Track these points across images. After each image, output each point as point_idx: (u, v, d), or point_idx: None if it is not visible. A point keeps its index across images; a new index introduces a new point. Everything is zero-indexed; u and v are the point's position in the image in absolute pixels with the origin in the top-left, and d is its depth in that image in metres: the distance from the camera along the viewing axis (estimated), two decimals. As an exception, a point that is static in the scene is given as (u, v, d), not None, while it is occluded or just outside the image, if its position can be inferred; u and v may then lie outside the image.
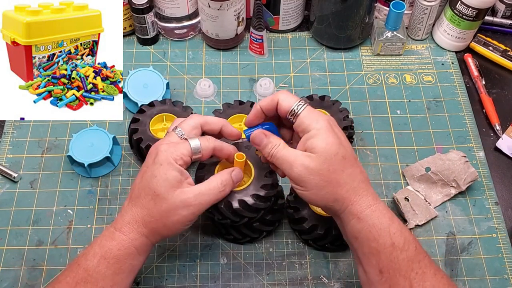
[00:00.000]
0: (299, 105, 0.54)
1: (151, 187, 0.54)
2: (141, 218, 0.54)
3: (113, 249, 0.53)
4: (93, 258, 0.53)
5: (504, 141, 0.77)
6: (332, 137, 0.52)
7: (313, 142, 0.52)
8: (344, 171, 0.52)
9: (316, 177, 0.52)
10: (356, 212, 0.53)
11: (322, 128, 0.52)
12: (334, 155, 0.52)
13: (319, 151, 0.52)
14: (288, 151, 0.54)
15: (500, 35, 0.91)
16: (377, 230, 0.52)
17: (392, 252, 0.51)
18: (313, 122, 0.53)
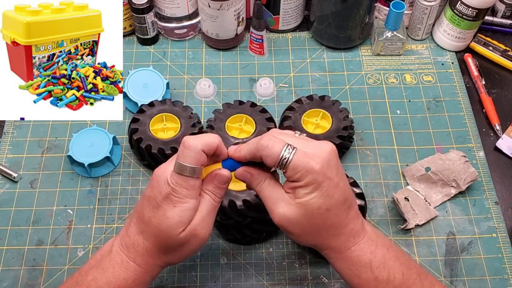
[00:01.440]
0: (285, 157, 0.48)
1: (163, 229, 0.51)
2: (155, 253, 0.52)
3: (128, 280, 0.52)
4: (107, 287, 0.51)
5: (504, 141, 0.77)
6: (319, 191, 0.48)
7: (299, 192, 0.49)
8: (325, 223, 0.50)
9: (295, 226, 0.51)
10: (335, 253, 0.52)
11: (310, 182, 0.48)
12: (317, 209, 0.49)
13: (302, 203, 0.49)
14: (272, 191, 0.51)
15: (500, 35, 0.91)
16: (357, 268, 0.51)
17: (377, 285, 0.51)
18: (303, 175, 0.48)
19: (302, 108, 0.75)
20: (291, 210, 0.50)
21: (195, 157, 0.50)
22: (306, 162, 0.48)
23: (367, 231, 0.53)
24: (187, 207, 0.50)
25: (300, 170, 0.48)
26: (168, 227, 0.50)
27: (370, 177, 0.74)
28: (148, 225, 0.51)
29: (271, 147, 0.49)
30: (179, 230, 0.50)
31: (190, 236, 0.51)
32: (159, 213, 0.50)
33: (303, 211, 0.49)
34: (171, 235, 0.51)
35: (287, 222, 0.51)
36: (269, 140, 0.49)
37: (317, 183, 0.48)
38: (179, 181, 0.50)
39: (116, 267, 0.52)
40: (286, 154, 0.48)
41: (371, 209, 0.71)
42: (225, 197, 0.61)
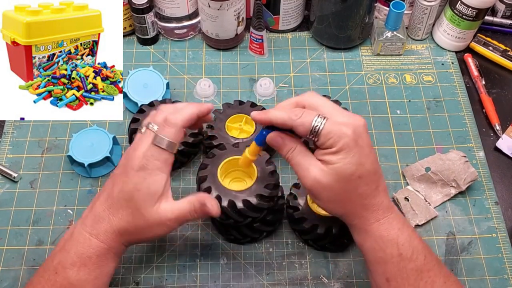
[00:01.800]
0: (316, 126, 0.50)
1: (132, 200, 0.53)
2: (118, 229, 0.54)
3: (92, 256, 0.53)
4: (72, 266, 0.52)
5: (504, 141, 0.77)
6: (351, 157, 0.50)
7: (331, 158, 0.50)
8: (356, 190, 0.51)
9: (327, 192, 0.52)
10: (363, 225, 0.53)
11: (343, 147, 0.50)
12: (350, 175, 0.50)
13: (335, 169, 0.50)
14: (303, 158, 0.52)
15: (500, 35, 0.91)
16: (384, 242, 0.52)
17: (399, 262, 0.51)
18: (335, 140, 0.50)
19: (302, 108, 0.74)
20: (324, 175, 0.51)
21: (175, 133, 0.53)
22: (338, 128, 0.50)
23: (395, 209, 0.54)
24: (157, 180, 0.53)
25: (332, 136, 0.50)
26: (138, 199, 0.52)
27: (370, 177, 0.74)
28: (117, 199, 0.53)
29: (304, 117, 0.51)
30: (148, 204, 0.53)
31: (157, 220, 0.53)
32: (130, 185, 0.53)
33: (336, 176, 0.50)
34: (140, 210, 0.53)
35: (320, 187, 0.51)
36: (301, 111, 0.51)
37: (349, 148, 0.50)
38: (155, 154, 0.53)
39: (79, 246, 0.53)
40: (317, 123, 0.50)
41: (371, 209, 0.71)
42: (225, 197, 0.61)
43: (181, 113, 0.55)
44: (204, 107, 0.58)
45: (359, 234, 0.54)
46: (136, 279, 0.65)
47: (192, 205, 0.55)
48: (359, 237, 0.54)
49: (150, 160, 0.53)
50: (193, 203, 0.56)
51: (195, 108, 0.56)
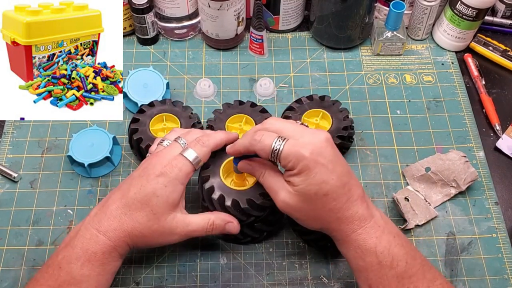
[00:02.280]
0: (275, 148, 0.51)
1: (149, 204, 0.54)
2: (129, 230, 0.54)
3: (97, 253, 0.53)
4: (77, 261, 0.53)
5: (504, 141, 0.77)
6: (312, 177, 0.50)
7: (294, 180, 0.52)
8: (325, 207, 0.52)
9: (297, 212, 0.54)
10: (340, 237, 0.54)
11: (303, 168, 0.50)
12: (314, 195, 0.51)
13: (299, 191, 0.52)
14: (273, 182, 0.55)
15: (500, 35, 0.91)
16: (362, 251, 0.52)
17: (379, 270, 0.52)
18: (295, 163, 0.51)
19: (302, 108, 0.75)
20: (291, 197, 0.53)
21: (205, 152, 0.57)
22: (296, 150, 0.50)
23: (375, 216, 0.54)
24: (176, 190, 0.54)
25: (291, 159, 0.51)
26: (155, 205, 0.54)
27: (370, 177, 0.74)
28: (132, 200, 0.54)
29: (263, 141, 0.52)
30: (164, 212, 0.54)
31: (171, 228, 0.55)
32: (148, 189, 0.54)
33: (301, 197, 0.52)
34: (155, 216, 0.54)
35: (289, 208, 0.54)
36: (261, 135, 0.52)
37: (309, 170, 0.50)
38: (180, 164, 0.55)
39: (85, 242, 0.54)
40: (277, 146, 0.51)
41: (371, 209, 0.71)
42: (228, 196, 0.62)
43: (213, 137, 0.59)
44: (232, 136, 0.61)
45: (340, 244, 0.55)
46: (136, 279, 0.65)
47: (208, 223, 0.58)
48: (340, 247, 0.56)
49: (174, 169, 0.55)
50: (212, 221, 0.58)
51: (224, 135, 0.60)
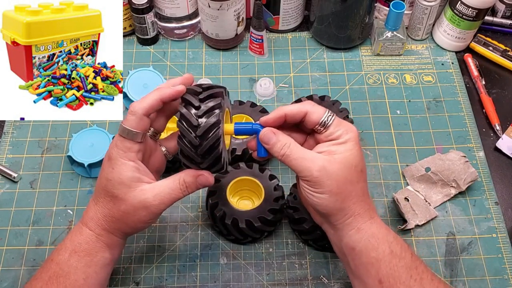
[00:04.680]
0: (329, 116, 0.54)
1: (108, 190, 0.53)
2: (102, 216, 0.55)
3: (82, 243, 0.54)
4: (64, 252, 0.54)
5: (504, 141, 0.77)
6: (357, 149, 0.53)
7: (338, 148, 0.53)
8: (358, 183, 0.53)
9: (333, 182, 0.52)
10: (357, 223, 0.53)
11: (350, 139, 0.53)
12: (355, 166, 0.53)
13: (342, 158, 0.52)
14: (305, 152, 0.53)
15: (500, 35, 0.91)
16: (376, 239, 0.53)
17: (391, 260, 0.52)
18: (344, 132, 0.53)
19: (302, 108, 0.75)
20: (331, 164, 0.52)
21: (135, 121, 0.52)
22: (346, 123, 0.54)
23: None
24: (124, 168, 0.53)
25: (341, 128, 0.53)
26: (111, 188, 0.53)
27: (370, 177, 0.74)
28: (97, 189, 0.55)
29: (318, 107, 0.54)
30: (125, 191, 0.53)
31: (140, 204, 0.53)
32: (102, 176, 0.54)
33: (342, 165, 0.52)
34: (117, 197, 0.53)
35: (326, 176, 0.52)
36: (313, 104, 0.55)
37: (356, 141, 0.53)
38: (118, 143, 0.53)
39: (72, 234, 0.56)
40: (329, 115, 0.54)
41: (371, 209, 0.71)
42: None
43: (142, 101, 0.53)
44: (167, 92, 0.54)
45: (351, 235, 0.53)
46: (136, 279, 0.65)
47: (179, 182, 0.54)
48: (351, 239, 0.54)
49: (114, 150, 0.53)
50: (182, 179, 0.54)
51: (156, 94, 0.54)
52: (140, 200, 0.53)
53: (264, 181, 0.67)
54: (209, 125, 0.51)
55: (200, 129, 0.51)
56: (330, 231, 0.56)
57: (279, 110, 0.55)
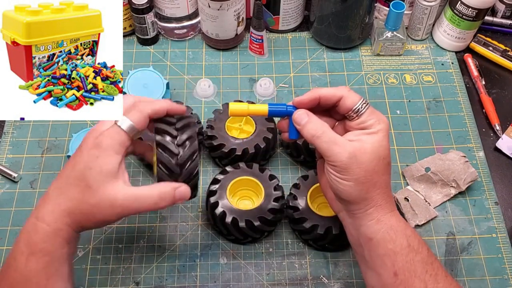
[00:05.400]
0: (363, 103, 0.54)
1: (83, 179, 0.50)
2: (66, 208, 0.51)
3: (38, 242, 0.50)
4: (21, 256, 0.50)
5: (504, 141, 0.77)
6: (386, 141, 0.54)
7: (369, 138, 0.53)
8: (383, 175, 0.54)
9: (361, 170, 0.52)
10: (378, 214, 0.53)
11: (382, 130, 0.54)
12: (383, 158, 0.53)
13: (373, 148, 0.53)
14: (336, 136, 0.53)
15: (500, 35, 0.91)
16: (394, 232, 0.53)
17: (408, 253, 0.52)
18: (376, 122, 0.54)
19: (302, 108, 0.75)
20: (362, 152, 0.52)
21: (139, 118, 0.53)
22: (379, 113, 0.55)
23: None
24: (110, 160, 0.51)
25: (374, 117, 0.54)
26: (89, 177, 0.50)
27: (370, 177, 0.74)
28: (66, 177, 0.52)
29: (353, 94, 0.54)
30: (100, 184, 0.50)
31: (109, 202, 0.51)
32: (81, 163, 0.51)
33: (372, 155, 0.52)
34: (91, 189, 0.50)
35: (355, 163, 0.52)
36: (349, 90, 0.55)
37: (386, 133, 0.54)
38: (112, 133, 0.52)
39: (25, 233, 0.51)
40: (364, 103, 0.54)
41: (371, 209, 0.71)
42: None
43: (151, 102, 0.55)
44: (176, 106, 0.56)
45: (370, 226, 0.53)
46: (136, 279, 0.65)
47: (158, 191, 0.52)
48: (369, 229, 0.53)
49: (106, 139, 0.51)
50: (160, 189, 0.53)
51: (166, 103, 0.56)
52: (110, 198, 0.51)
53: (264, 181, 0.67)
54: (189, 154, 0.53)
55: (180, 157, 0.53)
56: (348, 219, 0.56)
57: (314, 92, 0.55)
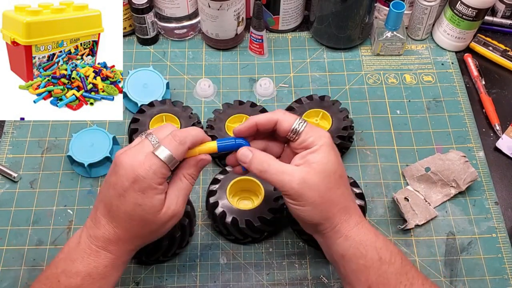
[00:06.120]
0: (300, 123, 0.53)
1: (137, 215, 0.51)
2: (128, 239, 0.52)
3: (99, 267, 0.52)
4: (76, 276, 0.51)
5: (504, 141, 0.77)
6: (333, 155, 0.52)
7: (315, 157, 0.52)
8: (338, 190, 0.52)
9: (314, 193, 0.51)
10: (344, 230, 0.53)
11: (324, 145, 0.52)
12: (333, 173, 0.52)
13: (320, 167, 0.51)
14: (283, 166, 0.52)
15: (500, 35, 0.91)
16: (364, 247, 0.52)
17: (380, 267, 0.51)
18: (316, 139, 0.52)
19: (302, 108, 0.75)
20: (310, 175, 0.51)
21: (180, 151, 0.51)
22: (317, 130, 0.53)
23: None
24: (157, 193, 0.50)
25: (313, 135, 0.52)
26: (143, 214, 0.51)
27: (370, 177, 0.74)
28: (117, 214, 0.51)
29: (288, 115, 0.54)
30: (156, 214, 0.51)
31: (169, 218, 0.52)
32: (128, 200, 0.50)
33: (321, 174, 0.51)
34: (148, 220, 0.51)
35: (307, 188, 0.51)
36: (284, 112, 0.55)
37: (329, 148, 0.52)
38: (156, 168, 0.49)
39: (85, 257, 0.52)
40: (300, 122, 0.53)
41: (371, 209, 0.71)
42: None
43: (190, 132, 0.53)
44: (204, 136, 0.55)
45: (339, 243, 0.53)
46: (136, 279, 0.65)
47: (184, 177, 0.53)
48: (339, 247, 0.53)
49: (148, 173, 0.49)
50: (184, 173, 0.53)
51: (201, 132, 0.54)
52: (169, 215, 0.52)
53: (264, 181, 0.67)
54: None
55: None
56: (320, 239, 0.56)
57: (250, 120, 0.54)
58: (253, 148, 0.54)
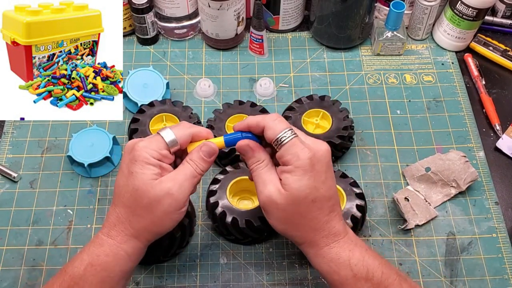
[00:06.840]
0: (284, 136, 0.51)
1: (129, 184, 0.51)
2: (126, 218, 0.52)
3: (101, 255, 0.51)
4: (80, 265, 0.51)
5: (504, 141, 0.77)
6: (306, 179, 0.50)
7: (287, 178, 0.51)
8: (309, 214, 0.52)
9: (279, 212, 0.52)
10: (314, 250, 0.53)
11: (300, 167, 0.50)
12: (303, 199, 0.50)
13: (289, 191, 0.50)
14: (266, 174, 0.52)
15: (500, 35, 0.91)
16: (336, 264, 0.52)
17: (355, 283, 0.51)
18: (293, 158, 0.50)
19: (302, 108, 0.75)
20: (279, 195, 0.51)
21: (183, 134, 0.53)
22: (300, 148, 0.50)
23: (348, 233, 0.54)
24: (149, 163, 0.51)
25: (291, 153, 0.50)
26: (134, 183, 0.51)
27: (370, 177, 0.74)
28: (120, 192, 0.53)
29: (278, 123, 0.52)
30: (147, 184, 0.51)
31: (163, 194, 0.51)
32: (124, 171, 0.52)
33: (290, 199, 0.51)
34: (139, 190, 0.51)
35: (273, 205, 0.52)
36: (277, 117, 0.53)
37: (305, 171, 0.50)
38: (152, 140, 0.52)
39: (91, 246, 0.53)
40: (286, 135, 0.51)
41: (371, 209, 0.71)
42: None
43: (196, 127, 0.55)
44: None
45: (312, 258, 0.54)
46: (136, 279, 0.65)
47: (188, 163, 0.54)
48: (313, 261, 0.54)
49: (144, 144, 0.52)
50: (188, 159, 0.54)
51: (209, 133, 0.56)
52: (162, 188, 0.51)
53: None
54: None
55: None
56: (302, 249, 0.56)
57: (244, 121, 0.55)
58: (255, 145, 0.54)
